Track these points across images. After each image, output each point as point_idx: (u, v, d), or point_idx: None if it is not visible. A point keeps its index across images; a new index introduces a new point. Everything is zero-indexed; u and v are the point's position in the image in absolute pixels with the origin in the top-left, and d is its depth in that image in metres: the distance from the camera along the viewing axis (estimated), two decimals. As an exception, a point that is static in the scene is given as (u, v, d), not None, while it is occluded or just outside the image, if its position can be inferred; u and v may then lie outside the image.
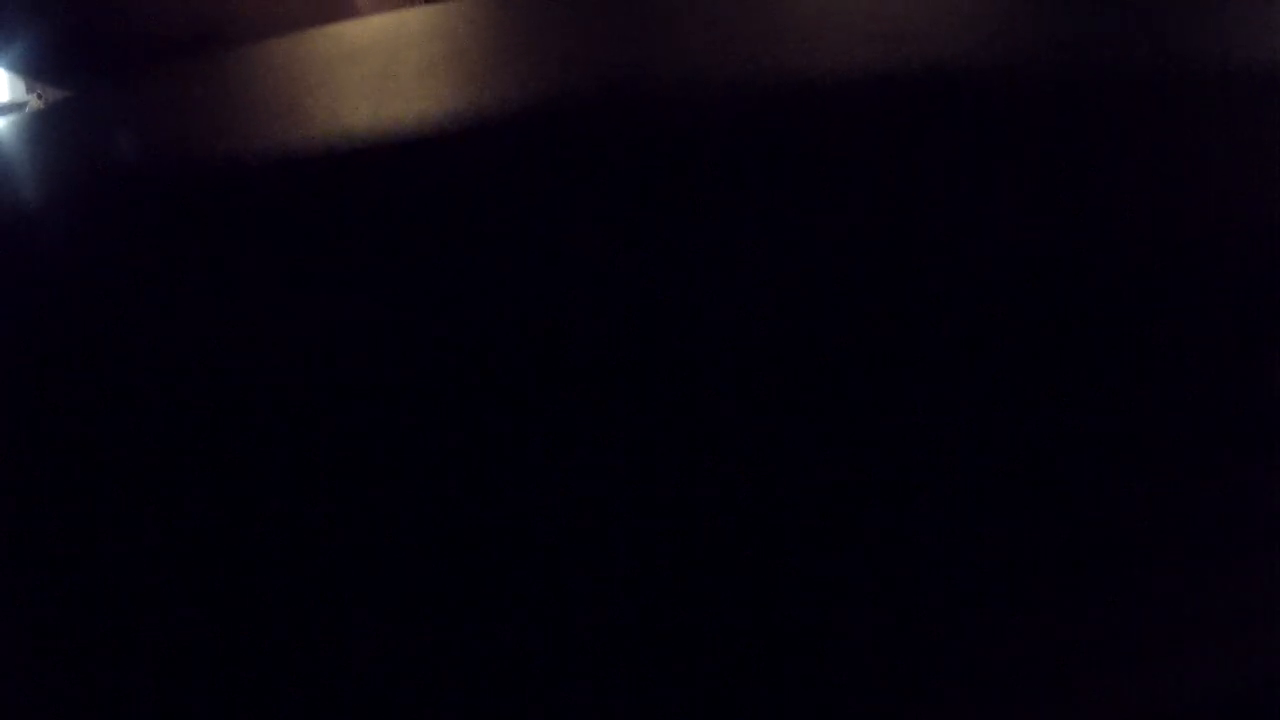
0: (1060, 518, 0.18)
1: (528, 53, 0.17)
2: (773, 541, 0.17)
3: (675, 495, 0.17)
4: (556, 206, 0.16)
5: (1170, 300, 0.17)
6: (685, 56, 0.17)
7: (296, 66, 0.19)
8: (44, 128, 0.22)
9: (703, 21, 0.17)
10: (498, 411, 0.17)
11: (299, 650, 0.19)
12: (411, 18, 0.20)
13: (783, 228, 0.16)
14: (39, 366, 0.18)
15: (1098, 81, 0.16)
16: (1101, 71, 0.16)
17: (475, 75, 0.17)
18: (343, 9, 0.42)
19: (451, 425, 0.17)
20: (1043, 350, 0.17)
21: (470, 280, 0.16)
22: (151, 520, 0.18)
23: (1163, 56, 0.16)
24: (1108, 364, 0.17)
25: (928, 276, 0.16)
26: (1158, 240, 0.16)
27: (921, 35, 0.16)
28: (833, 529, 0.17)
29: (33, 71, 0.40)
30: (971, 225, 0.16)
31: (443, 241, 0.16)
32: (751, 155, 0.16)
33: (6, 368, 0.18)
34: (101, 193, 0.18)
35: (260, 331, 0.17)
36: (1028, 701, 0.19)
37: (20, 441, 0.18)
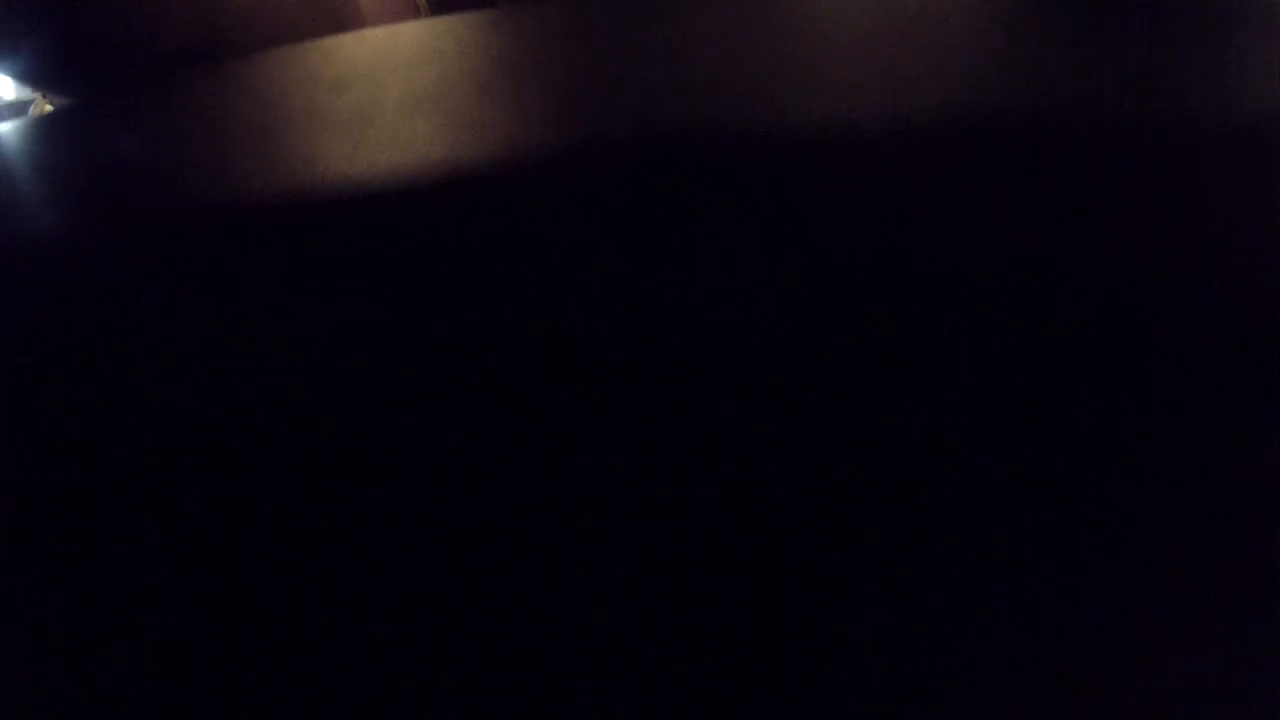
0: (1060, 518, 0.18)
1: (517, 91, 0.17)
2: (773, 541, 0.17)
3: (675, 495, 0.17)
4: (543, 257, 0.16)
5: (1170, 314, 0.17)
6: (685, 104, 0.16)
7: (284, 90, 0.19)
8: (46, 133, 0.22)
9: (704, 61, 0.17)
10: (498, 412, 0.17)
11: (299, 650, 0.19)
12: (405, 35, 0.20)
13: (786, 240, 0.16)
14: (39, 366, 0.18)
15: (1102, 130, 0.16)
16: (1106, 121, 0.16)
17: (456, 118, 0.17)
18: (347, 17, 0.42)
19: (452, 426, 0.17)
20: (1043, 352, 0.17)
21: (469, 278, 0.16)
22: (151, 520, 0.18)
23: (1166, 104, 0.16)
24: (1109, 365, 0.17)
25: (931, 274, 0.16)
26: (1156, 278, 0.16)
27: (930, 81, 0.16)
28: (833, 529, 0.17)
29: (36, 79, 0.40)
30: (975, 262, 0.16)
31: (431, 233, 0.16)
32: (753, 205, 0.16)
33: (6, 368, 0.18)
34: (102, 195, 0.18)
35: (261, 333, 0.17)
36: (1028, 701, 0.19)
37: (20, 441, 0.18)
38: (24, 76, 0.40)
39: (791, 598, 0.18)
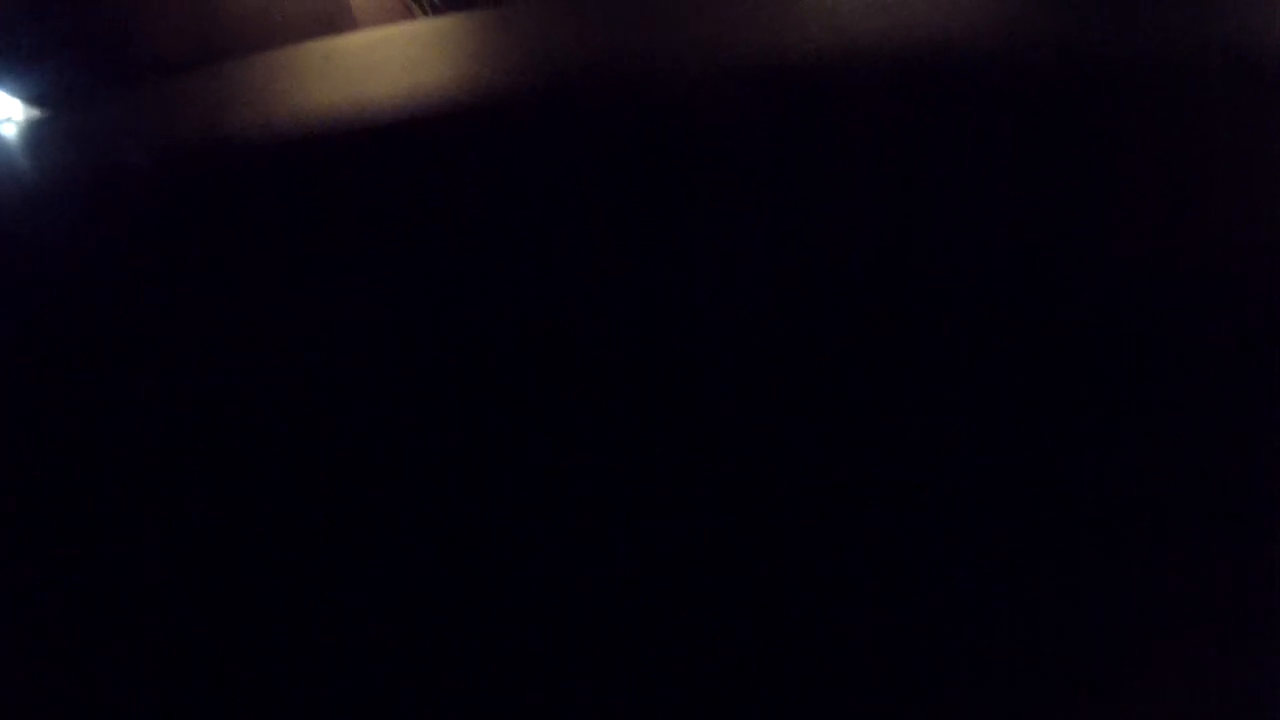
0: (1060, 518, 0.18)
1: (516, 42, 0.17)
2: (773, 542, 0.17)
3: (675, 495, 0.17)
4: (545, 196, 0.16)
5: (1173, 294, 0.17)
6: (677, 35, 0.16)
7: (284, 68, 0.19)
8: (44, 131, 0.22)
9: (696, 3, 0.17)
10: (497, 411, 0.17)
11: (299, 650, 0.19)
12: (402, 28, 0.20)
13: (782, 214, 0.16)
14: (39, 366, 0.18)
15: (1106, 66, 0.16)
16: (1111, 56, 0.16)
17: (458, 61, 0.17)
18: (342, 23, 0.42)
19: (451, 425, 0.17)
20: (1044, 348, 0.17)
21: (467, 277, 0.16)
22: (151, 520, 0.18)
23: (1173, 41, 0.16)
24: (1110, 362, 0.17)
25: (929, 268, 0.16)
26: (1162, 228, 0.16)
27: (926, 13, 0.16)
28: (833, 529, 0.17)
29: (42, 99, 0.40)
30: (973, 211, 0.16)
31: (429, 232, 0.16)
32: (747, 139, 0.16)
33: (6, 368, 0.18)
34: (100, 192, 0.18)
35: (260, 331, 0.17)
36: (1028, 701, 0.19)
37: (20, 441, 0.18)
38: (31, 97, 0.40)
39: (791, 598, 0.18)
